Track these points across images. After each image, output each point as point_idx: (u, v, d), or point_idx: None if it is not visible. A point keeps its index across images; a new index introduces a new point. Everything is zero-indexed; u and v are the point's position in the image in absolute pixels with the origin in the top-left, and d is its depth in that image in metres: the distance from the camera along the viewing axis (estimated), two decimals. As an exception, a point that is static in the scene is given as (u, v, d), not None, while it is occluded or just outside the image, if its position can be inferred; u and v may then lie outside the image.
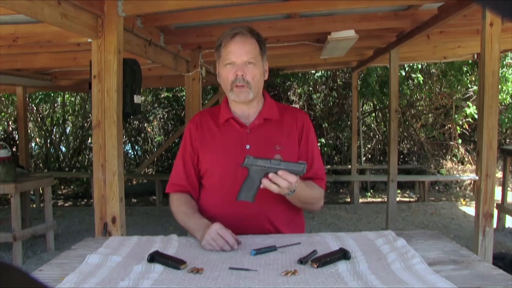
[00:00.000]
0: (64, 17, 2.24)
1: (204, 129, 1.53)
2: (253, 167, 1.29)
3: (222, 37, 1.47)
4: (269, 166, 1.27)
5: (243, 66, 1.42)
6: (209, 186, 1.52)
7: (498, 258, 3.23)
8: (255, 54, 1.44)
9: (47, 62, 4.43)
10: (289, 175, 1.27)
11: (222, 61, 1.46)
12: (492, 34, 2.67)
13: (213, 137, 1.51)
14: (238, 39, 1.43)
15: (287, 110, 1.58)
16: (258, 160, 1.28)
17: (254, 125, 1.49)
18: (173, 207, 1.52)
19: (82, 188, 8.34)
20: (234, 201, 1.37)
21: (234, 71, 1.43)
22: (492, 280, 1.03)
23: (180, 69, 4.20)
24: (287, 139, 1.49)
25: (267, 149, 1.43)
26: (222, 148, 1.49)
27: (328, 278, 1.05)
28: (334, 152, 8.56)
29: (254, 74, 1.44)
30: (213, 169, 1.50)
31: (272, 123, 1.51)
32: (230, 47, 1.43)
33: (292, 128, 1.51)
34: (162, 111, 9.56)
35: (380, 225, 5.26)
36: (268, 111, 1.52)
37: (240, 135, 1.49)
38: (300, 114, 1.56)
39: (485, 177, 2.75)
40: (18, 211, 3.94)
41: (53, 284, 1.02)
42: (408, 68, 7.43)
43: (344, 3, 3.08)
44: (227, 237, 1.26)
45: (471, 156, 7.99)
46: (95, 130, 2.54)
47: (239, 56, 1.42)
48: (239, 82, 1.43)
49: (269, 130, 1.49)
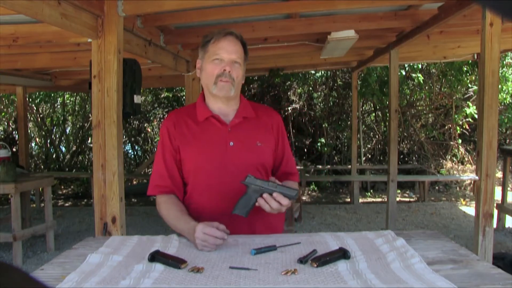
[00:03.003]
0: (64, 17, 2.24)
1: (182, 127, 1.54)
2: (252, 186, 1.37)
3: (212, 34, 1.50)
4: (266, 187, 1.37)
5: (231, 64, 1.48)
6: (195, 184, 1.53)
7: (498, 258, 3.23)
8: (241, 56, 1.51)
9: (47, 62, 4.43)
10: (282, 198, 1.36)
11: (209, 56, 1.49)
12: (492, 34, 2.67)
13: (194, 135, 1.52)
14: (230, 38, 1.49)
15: (261, 108, 1.66)
16: (258, 181, 1.37)
17: (235, 123, 1.54)
18: (162, 210, 1.50)
19: (82, 188, 8.34)
20: (221, 198, 1.46)
21: (221, 66, 1.47)
22: (491, 279, 1.04)
23: (180, 69, 4.20)
24: (265, 135, 1.57)
25: (250, 145, 1.53)
26: (206, 146, 1.51)
27: (328, 277, 1.05)
28: (334, 152, 8.56)
29: (238, 73, 1.50)
30: (199, 167, 1.51)
31: (250, 120, 1.57)
32: (222, 43, 1.48)
33: (268, 125, 1.60)
34: (162, 111, 9.57)
35: (380, 225, 5.27)
36: (245, 110, 1.58)
37: (222, 132, 1.52)
38: (274, 113, 1.66)
39: (485, 177, 2.75)
40: (18, 211, 3.94)
41: (54, 283, 1.03)
42: (408, 68, 7.44)
43: (344, 3, 3.08)
44: (214, 232, 1.26)
45: (471, 156, 7.99)
46: (95, 130, 2.55)
47: (229, 53, 1.47)
48: (225, 77, 1.47)
49: (248, 128, 1.55)
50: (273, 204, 1.35)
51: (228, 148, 1.49)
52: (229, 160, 1.49)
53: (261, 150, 1.54)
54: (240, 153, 1.50)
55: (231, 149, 1.49)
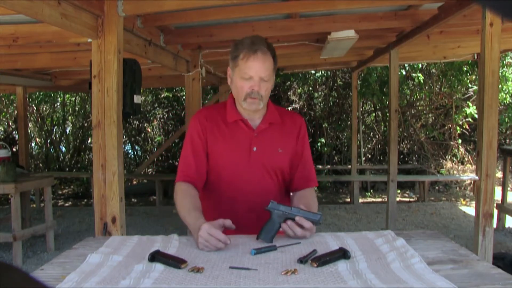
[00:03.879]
0: (64, 17, 2.24)
1: (213, 123, 1.58)
2: (276, 211, 1.39)
3: (241, 47, 1.49)
4: (290, 212, 1.38)
5: (260, 82, 1.48)
6: (215, 183, 1.57)
7: (498, 258, 3.23)
8: (271, 71, 1.52)
9: (47, 62, 4.43)
10: (305, 221, 1.37)
11: (239, 72, 1.50)
12: (492, 34, 2.67)
13: (222, 134, 1.56)
14: (259, 56, 1.47)
15: (286, 114, 1.69)
16: (281, 206, 1.39)
17: (261, 128, 1.57)
18: (177, 198, 1.52)
19: (82, 188, 8.34)
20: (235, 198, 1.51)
21: (250, 85, 1.49)
22: (491, 279, 1.04)
23: (180, 69, 4.20)
24: (287, 141, 1.61)
25: (271, 152, 1.57)
26: (232, 147, 1.55)
27: (328, 277, 1.05)
28: (334, 152, 8.56)
29: (267, 88, 1.52)
30: (222, 167, 1.55)
31: (275, 127, 1.59)
32: (251, 63, 1.47)
33: (291, 131, 1.63)
34: (162, 111, 9.56)
35: (380, 225, 5.26)
36: (272, 116, 1.60)
37: (248, 137, 1.56)
38: (298, 118, 1.68)
39: (485, 177, 2.75)
40: (18, 211, 3.94)
41: (54, 283, 1.03)
42: (408, 68, 7.43)
43: (344, 3, 3.08)
44: (218, 235, 1.27)
45: (471, 156, 7.99)
46: (95, 130, 2.54)
47: (258, 73, 1.48)
48: (254, 96, 1.49)
49: (273, 134, 1.59)
50: (296, 230, 1.36)
51: (252, 153, 1.54)
52: (250, 165, 1.54)
53: (281, 157, 1.58)
54: (261, 159, 1.55)
55: (254, 154, 1.54)
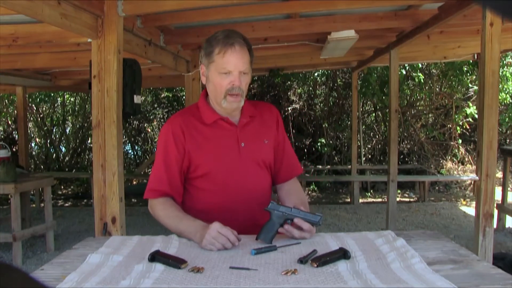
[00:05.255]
0: (64, 17, 2.24)
1: (191, 131, 1.49)
2: (275, 212, 1.38)
3: (215, 42, 1.43)
4: (289, 213, 1.38)
5: (239, 76, 1.43)
6: (210, 187, 1.51)
7: (498, 258, 3.23)
8: (249, 64, 1.47)
9: (47, 62, 4.43)
10: (303, 223, 1.35)
11: (216, 68, 1.43)
12: (492, 34, 2.67)
13: (205, 138, 1.49)
14: (237, 49, 1.41)
15: (260, 105, 1.66)
16: (281, 207, 1.39)
17: (243, 123, 1.54)
18: (157, 211, 1.47)
19: (82, 188, 8.34)
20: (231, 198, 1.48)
21: (230, 80, 1.42)
22: (491, 279, 1.04)
23: (180, 69, 4.20)
24: (268, 132, 1.59)
25: (259, 144, 1.55)
26: (219, 148, 1.50)
27: (328, 277, 1.05)
28: (334, 152, 8.56)
29: (247, 81, 1.48)
30: (216, 170, 1.49)
31: (255, 119, 1.57)
32: (229, 57, 1.41)
33: (270, 120, 1.61)
34: (162, 111, 9.57)
35: (380, 225, 5.26)
36: (249, 109, 1.57)
37: (233, 134, 1.51)
38: (272, 108, 1.66)
39: (485, 177, 2.75)
40: (18, 211, 3.94)
41: (54, 283, 1.03)
42: (408, 68, 7.43)
43: (344, 3, 3.08)
44: (229, 234, 1.27)
45: (471, 156, 7.99)
46: (95, 130, 2.55)
47: (237, 67, 1.42)
48: (235, 91, 1.43)
49: (255, 126, 1.56)
50: (295, 232, 1.35)
51: (241, 149, 1.51)
52: (241, 161, 1.50)
53: (267, 148, 1.57)
54: (250, 153, 1.52)
55: (243, 150, 1.51)
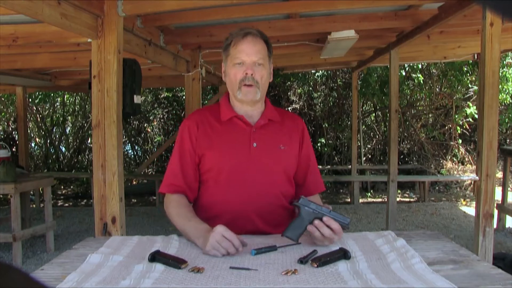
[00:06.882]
0: (64, 17, 2.24)
1: (206, 127, 1.50)
2: (305, 208, 1.32)
3: (232, 36, 1.47)
4: (320, 211, 1.31)
5: (253, 66, 1.43)
6: (216, 183, 1.50)
7: (498, 258, 3.23)
8: (264, 55, 1.46)
9: (47, 62, 4.43)
10: (333, 222, 1.29)
11: (231, 60, 1.46)
12: (492, 34, 2.67)
13: (218, 135, 1.50)
14: (249, 39, 1.44)
15: (286, 114, 1.64)
16: (311, 204, 1.33)
17: (260, 124, 1.51)
18: (170, 208, 1.47)
19: (82, 188, 8.34)
20: (239, 198, 1.44)
21: (243, 70, 1.43)
22: (491, 279, 1.03)
23: (180, 69, 4.20)
24: (289, 140, 1.54)
25: (273, 148, 1.50)
26: (229, 145, 1.48)
27: (328, 278, 1.05)
28: (334, 152, 8.56)
29: (262, 74, 1.45)
30: (221, 167, 1.48)
31: (275, 124, 1.54)
32: (241, 46, 1.43)
33: (293, 131, 1.56)
34: (162, 111, 9.57)
35: (380, 225, 5.26)
36: (271, 113, 1.55)
37: (246, 133, 1.49)
38: (299, 121, 1.62)
39: (485, 177, 2.75)
40: (18, 211, 3.94)
41: (54, 283, 1.02)
42: (408, 68, 7.43)
43: (344, 3, 3.08)
44: (233, 239, 1.22)
45: (471, 156, 7.99)
46: (95, 130, 2.54)
47: (249, 56, 1.43)
48: (248, 81, 1.43)
49: (273, 130, 1.52)
50: (325, 230, 1.27)
51: (252, 149, 1.47)
52: (251, 161, 1.47)
53: (284, 154, 1.51)
54: (262, 155, 1.48)
55: (254, 150, 1.47)
